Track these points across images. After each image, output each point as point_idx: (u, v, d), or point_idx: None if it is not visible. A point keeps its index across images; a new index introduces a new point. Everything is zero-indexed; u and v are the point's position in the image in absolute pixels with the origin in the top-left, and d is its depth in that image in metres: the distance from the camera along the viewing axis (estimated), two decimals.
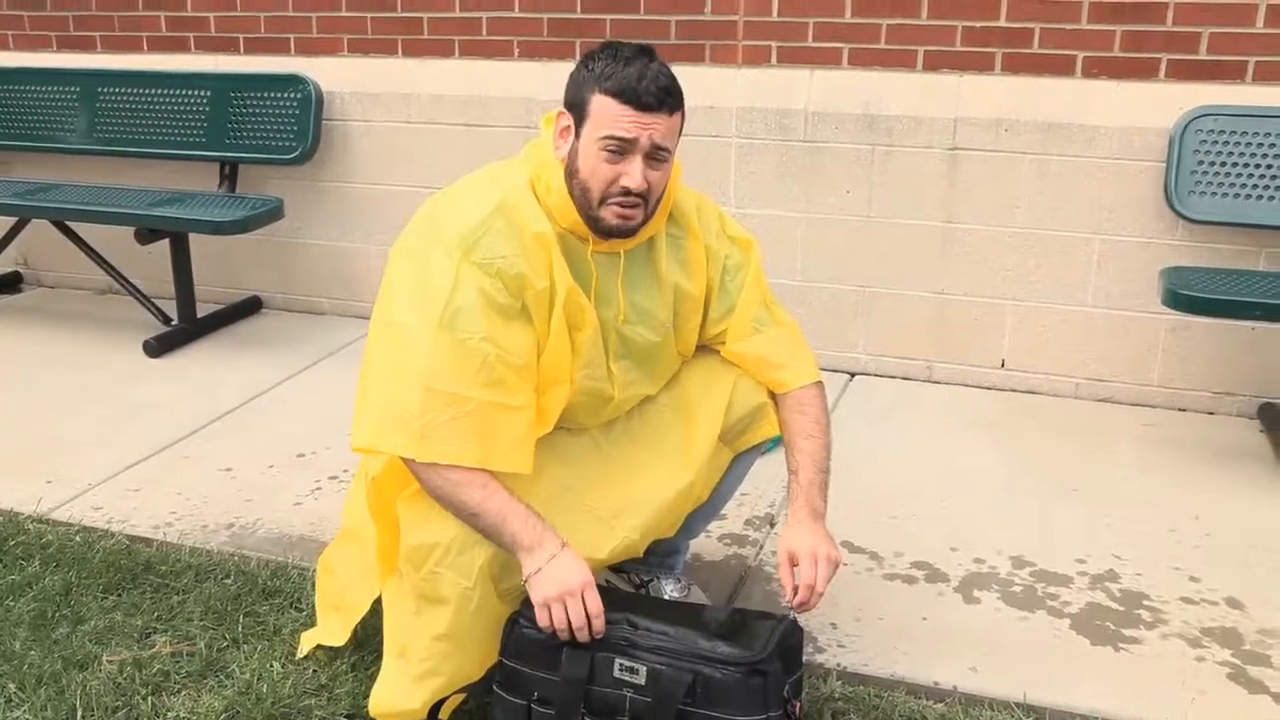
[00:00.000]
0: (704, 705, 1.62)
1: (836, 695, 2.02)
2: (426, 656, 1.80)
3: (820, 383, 1.99)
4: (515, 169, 1.81)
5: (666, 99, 1.70)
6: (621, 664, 1.66)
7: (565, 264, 1.75)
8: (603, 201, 1.73)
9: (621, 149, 1.70)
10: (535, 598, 1.66)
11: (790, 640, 1.73)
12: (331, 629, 2.07)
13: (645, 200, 1.75)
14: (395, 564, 1.82)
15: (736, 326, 1.93)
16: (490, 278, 1.70)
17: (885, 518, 2.65)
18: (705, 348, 2.02)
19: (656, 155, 1.73)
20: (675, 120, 1.74)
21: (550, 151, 1.77)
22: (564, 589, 1.65)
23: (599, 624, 1.66)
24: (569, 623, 1.66)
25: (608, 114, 1.69)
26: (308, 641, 2.11)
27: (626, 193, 1.71)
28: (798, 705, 1.71)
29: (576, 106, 1.74)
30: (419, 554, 1.77)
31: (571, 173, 1.75)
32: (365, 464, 1.92)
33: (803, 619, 2.19)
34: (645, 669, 1.64)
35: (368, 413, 1.72)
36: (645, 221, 1.79)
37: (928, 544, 2.53)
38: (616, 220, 1.74)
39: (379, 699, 1.84)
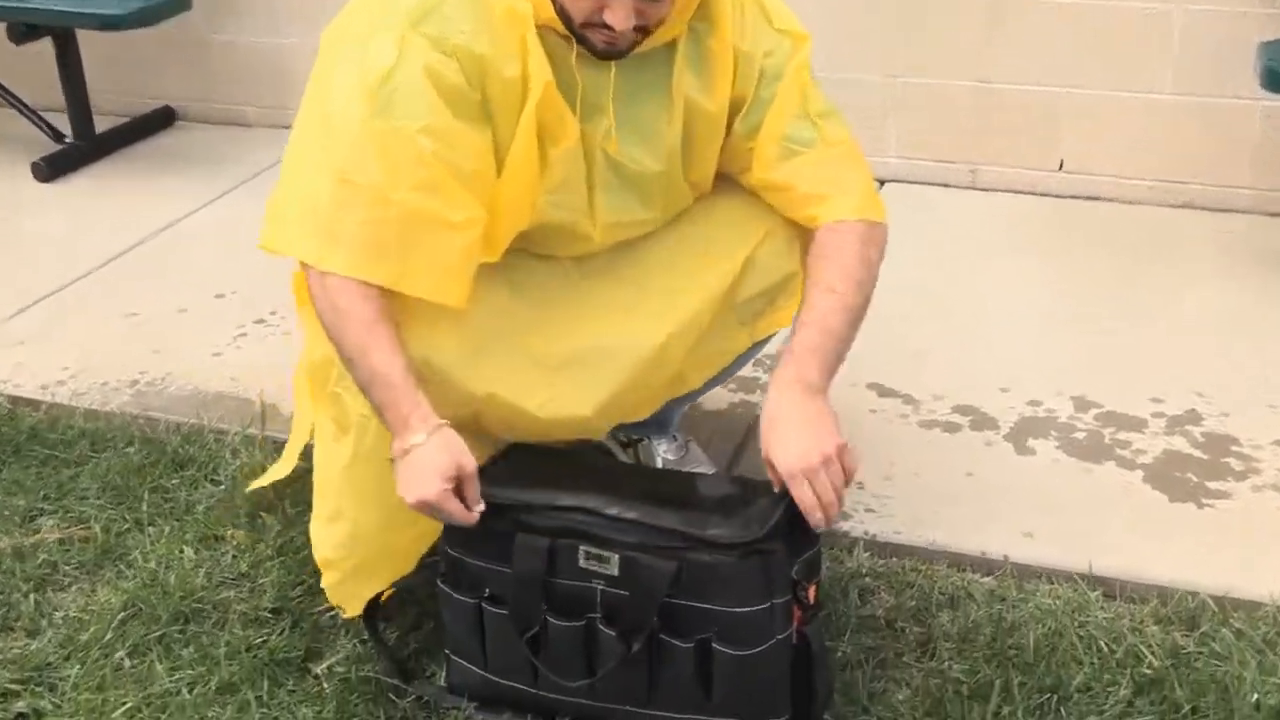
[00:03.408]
0: (692, 596, 1.58)
1: (864, 570, 2.00)
2: (333, 493, 1.79)
3: (876, 224, 1.80)
4: None
5: None
6: (588, 551, 1.62)
7: (545, 56, 1.64)
8: (585, 25, 1.62)
9: None
10: (400, 490, 1.59)
11: (800, 512, 1.64)
12: (284, 460, 2.09)
13: (643, 29, 1.63)
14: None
15: (763, 148, 1.77)
16: (444, 56, 1.60)
17: (921, 352, 2.64)
18: (733, 181, 1.88)
19: None
20: None
21: None
22: (419, 495, 1.57)
23: (472, 507, 1.59)
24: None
25: None
26: (259, 481, 2.14)
27: (610, 27, 1.60)
28: (811, 588, 1.65)
29: None
30: (321, 370, 1.77)
31: None
32: None
33: None
34: (617, 557, 1.60)
35: (274, 205, 1.68)
36: (645, 38, 1.67)
37: (972, 384, 2.51)
38: (604, 45, 1.64)
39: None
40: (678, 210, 1.88)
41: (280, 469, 2.09)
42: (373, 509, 1.77)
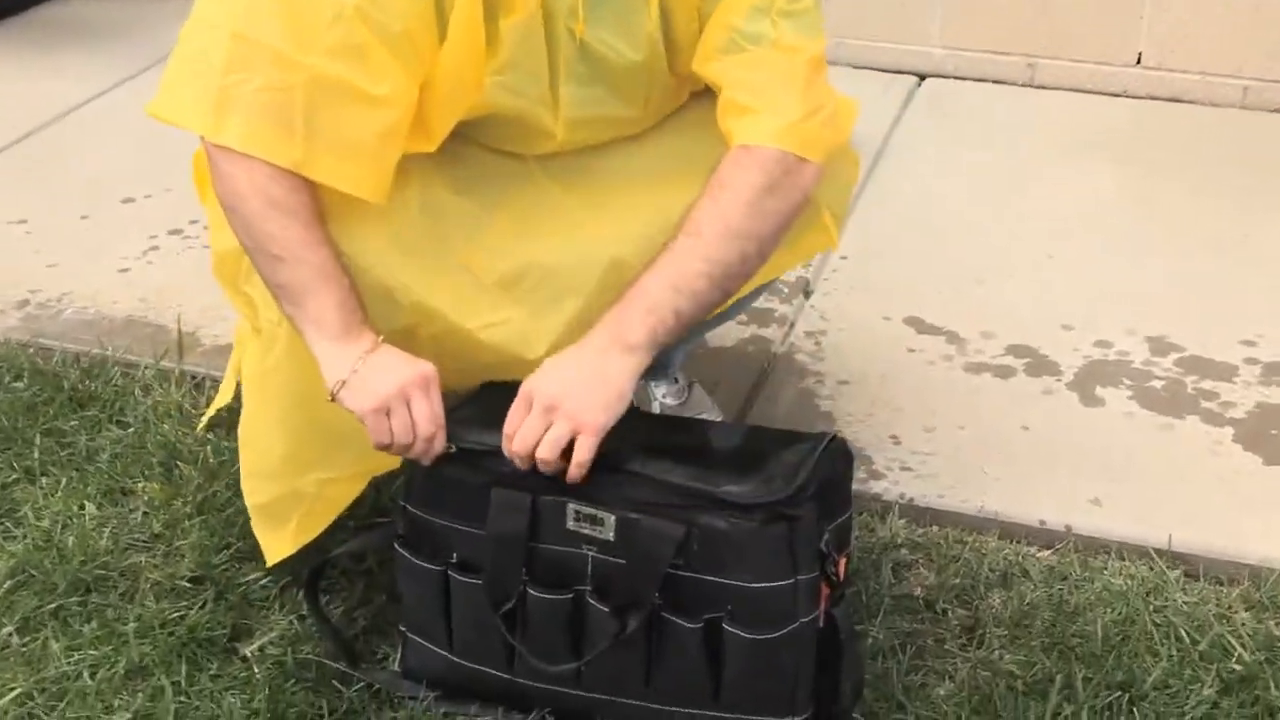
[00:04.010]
0: (703, 568, 1.58)
1: (899, 541, 2.01)
2: (246, 413, 1.86)
3: (799, 161, 1.72)
4: None
5: None
6: (578, 511, 1.62)
7: None
8: None
9: None
10: (356, 413, 1.63)
11: (833, 470, 1.66)
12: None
13: None
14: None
15: (710, 35, 1.74)
16: None
17: (968, 282, 2.65)
18: None
19: None
20: None
21: None
22: (385, 394, 1.60)
23: (434, 441, 1.63)
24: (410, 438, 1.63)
25: None
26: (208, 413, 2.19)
27: None
28: (842, 562, 1.65)
29: None
30: (226, 264, 1.79)
31: None
32: None
33: (854, 433, 2.20)
34: (613, 518, 1.60)
35: (169, 67, 1.68)
36: None
37: (1029, 320, 2.52)
38: None
39: None
40: (667, 108, 1.87)
41: (223, 394, 2.11)
42: (278, 435, 1.81)
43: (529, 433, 1.58)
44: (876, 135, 3.24)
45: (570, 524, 1.62)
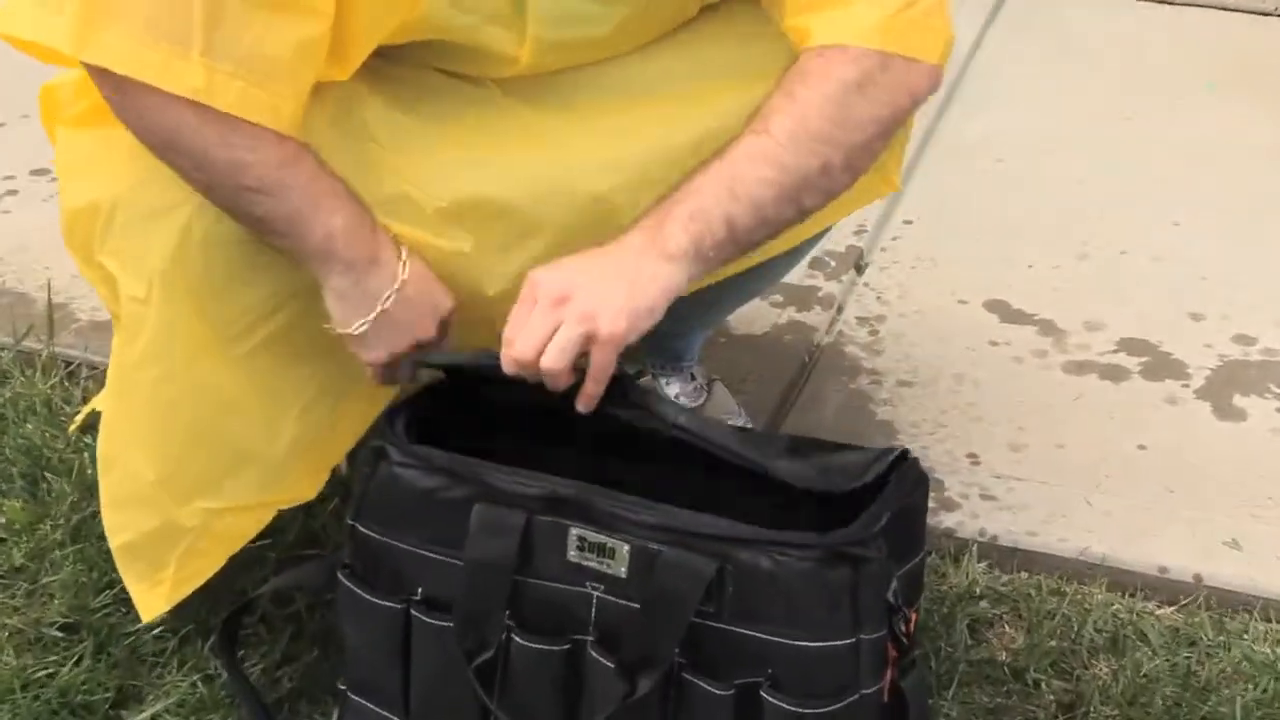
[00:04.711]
0: (739, 618, 1.58)
1: (978, 590, 2.01)
2: (107, 418, 1.86)
3: (904, 63, 1.72)
4: None
5: None
6: (582, 537, 1.62)
7: None
8: None
9: None
10: (371, 357, 1.71)
11: (906, 498, 1.66)
12: None
13: None
14: None
15: None
16: None
17: (1068, 256, 2.65)
18: None
19: None
20: None
21: None
22: (416, 333, 1.71)
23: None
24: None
25: None
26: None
27: None
28: (911, 619, 1.66)
29: None
30: (79, 225, 1.77)
31: None
32: None
33: (919, 449, 2.16)
34: (627, 547, 1.61)
35: None
36: None
37: (1147, 307, 2.52)
38: None
39: None
40: (665, 20, 1.88)
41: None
42: (148, 451, 1.81)
43: (532, 333, 1.61)
44: (949, 64, 3.20)
45: (572, 554, 1.62)
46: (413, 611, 1.68)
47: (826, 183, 1.71)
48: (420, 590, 1.68)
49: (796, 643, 1.57)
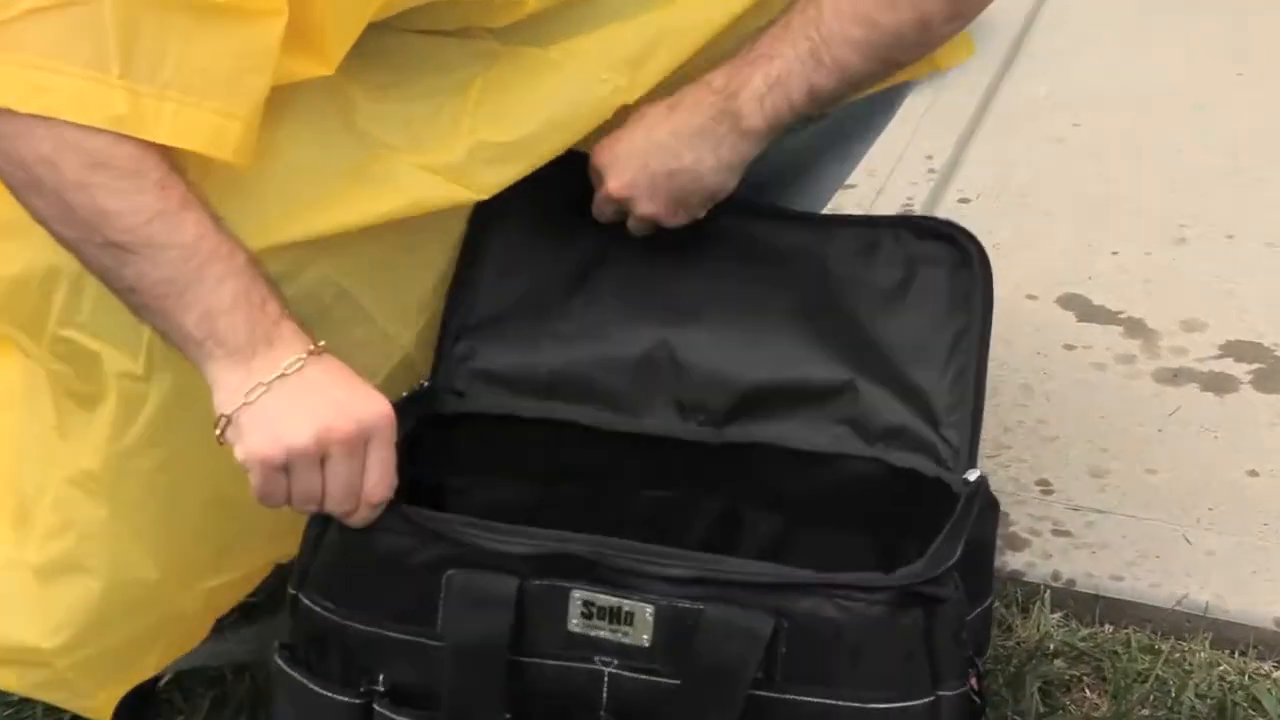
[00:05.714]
0: (796, 681, 1.50)
1: (1052, 646, 1.95)
2: (59, 524, 1.79)
3: None
4: None
5: None
6: (588, 602, 1.54)
7: None
8: None
9: None
10: (252, 448, 1.57)
11: (977, 528, 1.62)
12: None
13: None
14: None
15: None
16: None
17: (1160, 242, 2.63)
18: None
19: None
20: None
21: None
22: (330, 429, 1.55)
23: (378, 499, 1.60)
24: (322, 492, 1.59)
25: None
26: None
27: None
28: (975, 675, 1.61)
29: None
30: (18, 296, 1.72)
31: None
32: None
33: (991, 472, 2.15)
34: (650, 609, 1.53)
35: None
36: None
37: (1257, 305, 2.50)
38: None
39: None
40: None
41: None
42: (151, 547, 1.75)
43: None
44: (1016, 6, 3.27)
45: (574, 623, 1.52)
46: (375, 707, 1.58)
47: (925, 37, 1.75)
48: (383, 678, 1.59)
49: (866, 705, 1.50)
